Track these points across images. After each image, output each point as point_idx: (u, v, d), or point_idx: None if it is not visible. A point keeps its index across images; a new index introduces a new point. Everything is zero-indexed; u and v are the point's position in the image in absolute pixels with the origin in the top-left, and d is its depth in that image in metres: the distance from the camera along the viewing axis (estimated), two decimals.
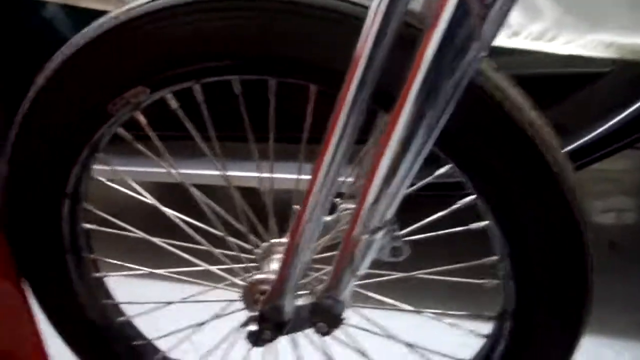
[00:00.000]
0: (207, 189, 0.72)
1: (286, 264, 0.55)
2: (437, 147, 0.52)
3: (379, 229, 0.51)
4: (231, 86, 0.58)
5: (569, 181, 0.54)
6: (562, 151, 0.55)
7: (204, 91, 0.58)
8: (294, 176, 0.64)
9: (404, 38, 0.45)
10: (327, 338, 0.71)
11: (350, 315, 0.67)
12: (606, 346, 1.08)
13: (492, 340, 0.66)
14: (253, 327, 0.60)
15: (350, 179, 0.69)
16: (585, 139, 0.97)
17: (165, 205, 0.70)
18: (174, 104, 0.61)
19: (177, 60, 0.56)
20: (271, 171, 0.65)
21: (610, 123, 0.95)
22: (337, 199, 0.71)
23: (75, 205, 0.68)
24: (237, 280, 0.68)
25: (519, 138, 0.51)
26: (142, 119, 0.61)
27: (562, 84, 1.16)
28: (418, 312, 0.63)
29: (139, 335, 0.79)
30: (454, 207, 0.61)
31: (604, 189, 1.88)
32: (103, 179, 0.69)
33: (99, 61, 0.57)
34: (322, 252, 0.67)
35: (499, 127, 0.51)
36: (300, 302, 0.60)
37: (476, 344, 0.68)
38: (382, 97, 0.48)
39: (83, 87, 0.59)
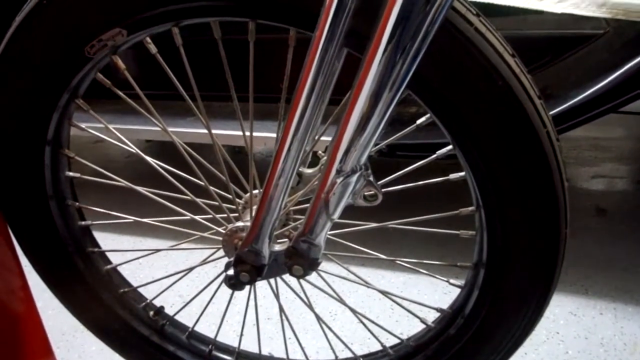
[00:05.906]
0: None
1: (261, 212, 0.57)
2: (411, 90, 0.52)
3: (353, 172, 0.51)
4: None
5: (546, 131, 0.54)
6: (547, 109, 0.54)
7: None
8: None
9: None
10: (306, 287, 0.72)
11: (329, 267, 0.68)
12: (590, 306, 1.10)
13: (467, 290, 0.67)
14: (231, 271, 0.61)
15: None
16: (574, 100, 0.96)
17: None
18: (152, 48, 0.60)
19: (153, 1, 0.55)
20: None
21: (597, 86, 0.94)
22: (320, 152, 0.71)
23: (56, 152, 0.69)
24: (219, 229, 0.69)
25: (495, 84, 0.51)
26: (120, 63, 0.60)
27: (555, 45, 1.15)
28: (393, 261, 0.63)
29: (125, 283, 0.80)
30: (431, 157, 0.62)
31: (594, 155, 1.88)
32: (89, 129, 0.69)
33: (76, 1, 0.56)
34: (302, 203, 0.68)
35: (475, 71, 0.50)
36: (277, 247, 0.61)
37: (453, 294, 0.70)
38: (355, 38, 0.48)
39: (60, 29, 0.58)
